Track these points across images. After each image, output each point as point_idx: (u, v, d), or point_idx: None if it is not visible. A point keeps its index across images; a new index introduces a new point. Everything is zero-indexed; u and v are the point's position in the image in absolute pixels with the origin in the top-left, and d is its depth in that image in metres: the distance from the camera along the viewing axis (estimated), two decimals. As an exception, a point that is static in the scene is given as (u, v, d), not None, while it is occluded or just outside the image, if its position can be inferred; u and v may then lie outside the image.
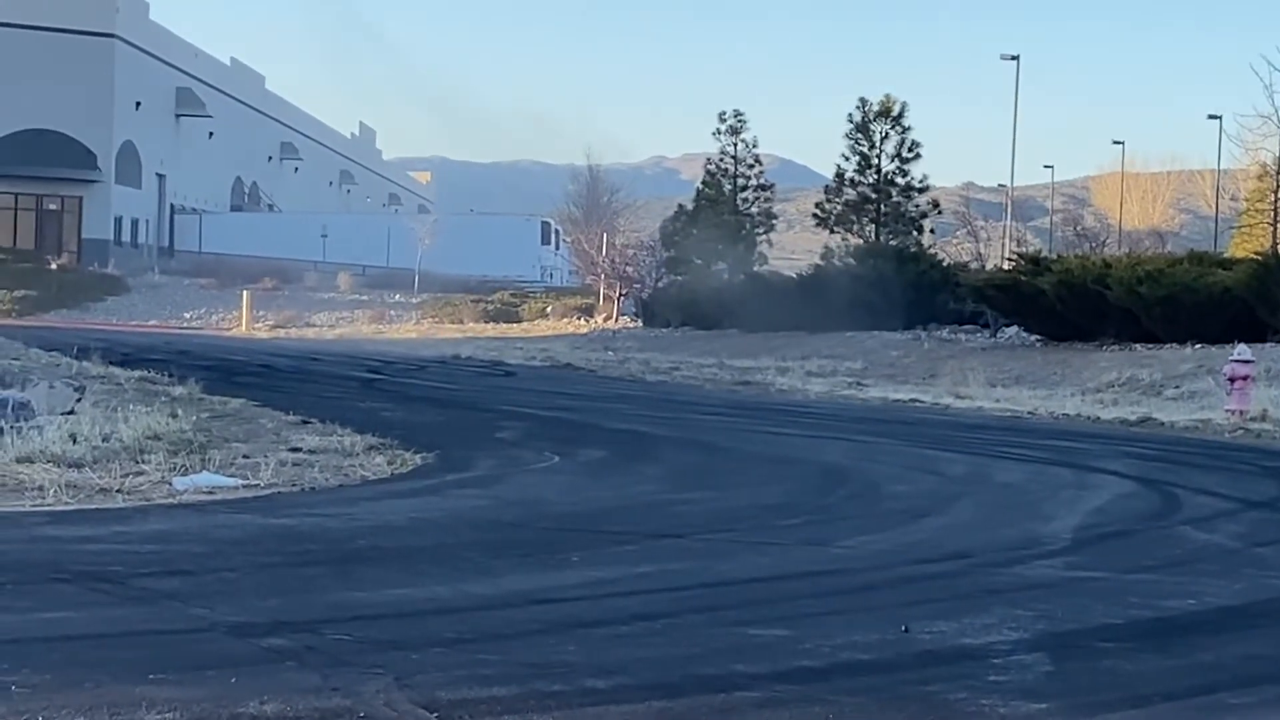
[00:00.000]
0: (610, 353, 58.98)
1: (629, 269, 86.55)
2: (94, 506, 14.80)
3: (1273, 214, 76.23)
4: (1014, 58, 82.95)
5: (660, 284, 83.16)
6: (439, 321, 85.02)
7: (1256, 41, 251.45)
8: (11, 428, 18.62)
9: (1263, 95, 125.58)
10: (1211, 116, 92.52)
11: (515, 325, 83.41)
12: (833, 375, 46.59)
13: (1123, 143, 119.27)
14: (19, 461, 16.82)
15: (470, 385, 38.50)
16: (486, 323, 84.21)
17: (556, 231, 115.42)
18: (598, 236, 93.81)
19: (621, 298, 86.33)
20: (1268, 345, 39.99)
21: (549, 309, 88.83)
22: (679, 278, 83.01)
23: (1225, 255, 61.58)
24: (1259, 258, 48.34)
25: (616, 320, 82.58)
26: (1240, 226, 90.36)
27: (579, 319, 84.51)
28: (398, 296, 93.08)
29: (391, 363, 47.14)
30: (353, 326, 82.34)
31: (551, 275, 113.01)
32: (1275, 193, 76.87)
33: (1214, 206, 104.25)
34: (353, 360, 47.88)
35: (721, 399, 37.20)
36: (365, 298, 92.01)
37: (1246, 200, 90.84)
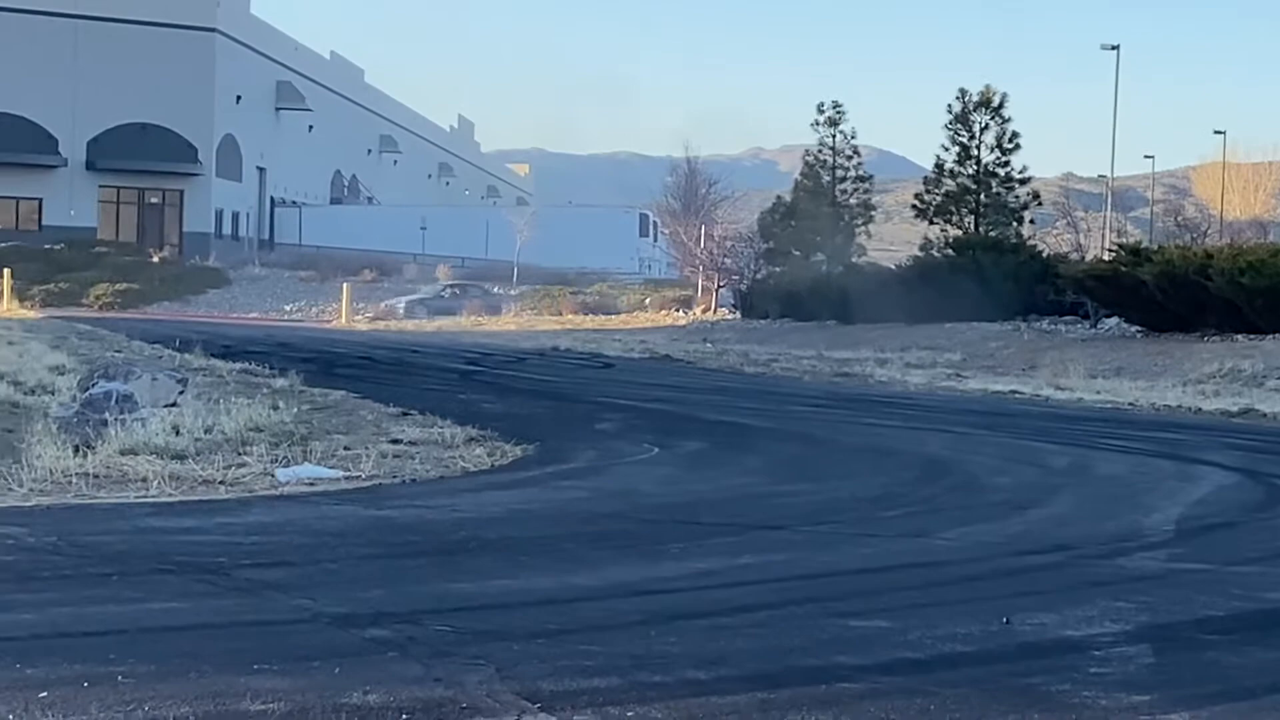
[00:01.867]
0: (708, 344, 58.88)
1: (727, 261, 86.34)
2: (197, 498, 14.91)
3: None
4: (1114, 47, 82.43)
5: (758, 276, 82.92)
6: (537, 313, 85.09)
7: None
8: (116, 420, 18.76)
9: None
10: None
11: (613, 317, 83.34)
12: (932, 367, 46.35)
13: (1224, 132, 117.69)
14: (123, 453, 16.95)
15: (569, 377, 38.55)
16: (584, 315, 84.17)
17: (654, 223, 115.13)
18: (696, 228, 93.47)
19: (719, 289, 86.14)
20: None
21: (647, 301, 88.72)
22: (777, 269, 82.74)
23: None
24: None
25: (714, 312, 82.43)
26: None
27: (677, 311, 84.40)
28: (497, 289, 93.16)
29: (490, 355, 47.26)
30: (452, 319, 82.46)
31: (649, 267, 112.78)
32: None
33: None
34: (451, 352, 48.01)
35: (820, 391, 37.09)
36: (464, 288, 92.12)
37: None
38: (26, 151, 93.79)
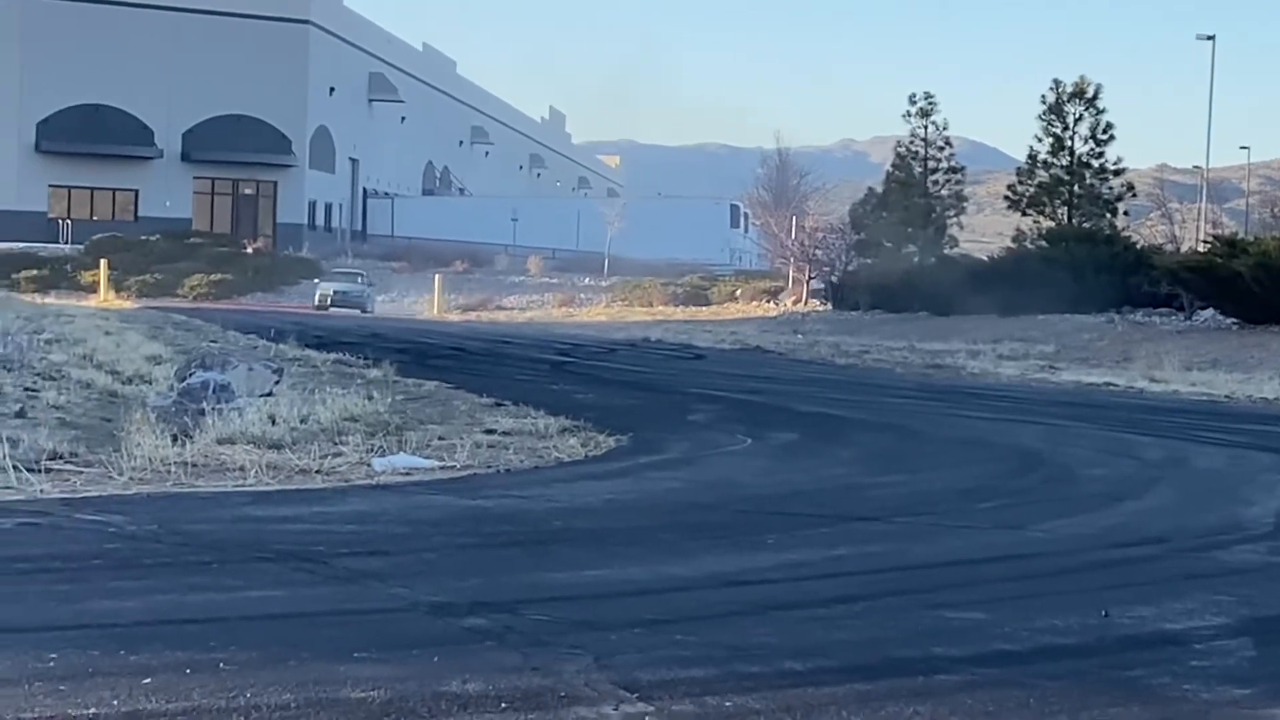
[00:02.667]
0: (799, 336, 58.86)
1: (818, 252, 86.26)
2: (294, 487, 15.00)
3: None
4: (1210, 37, 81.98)
5: (849, 267, 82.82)
6: (628, 304, 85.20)
7: None
8: (213, 409, 18.89)
9: None
10: None
11: (704, 308, 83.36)
12: (1024, 358, 46.22)
13: None
14: (220, 443, 17.07)
15: (661, 368, 38.58)
16: (675, 306, 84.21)
17: (745, 214, 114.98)
18: (786, 220, 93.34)
19: (810, 281, 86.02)
20: None
21: (738, 292, 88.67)
22: (868, 261, 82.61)
23: None
24: None
25: (805, 303, 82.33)
26: None
27: (767, 302, 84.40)
28: (587, 279, 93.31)
29: (581, 345, 47.34)
30: (543, 309, 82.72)
31: (740, 258, 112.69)
32: None
33: None
34: (543, 343, 48.12)
35: (912, 382, 37.02)
36: (555, 281, 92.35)
37: None
38: (123, 143, 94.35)
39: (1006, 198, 79.99)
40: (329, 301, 75.45)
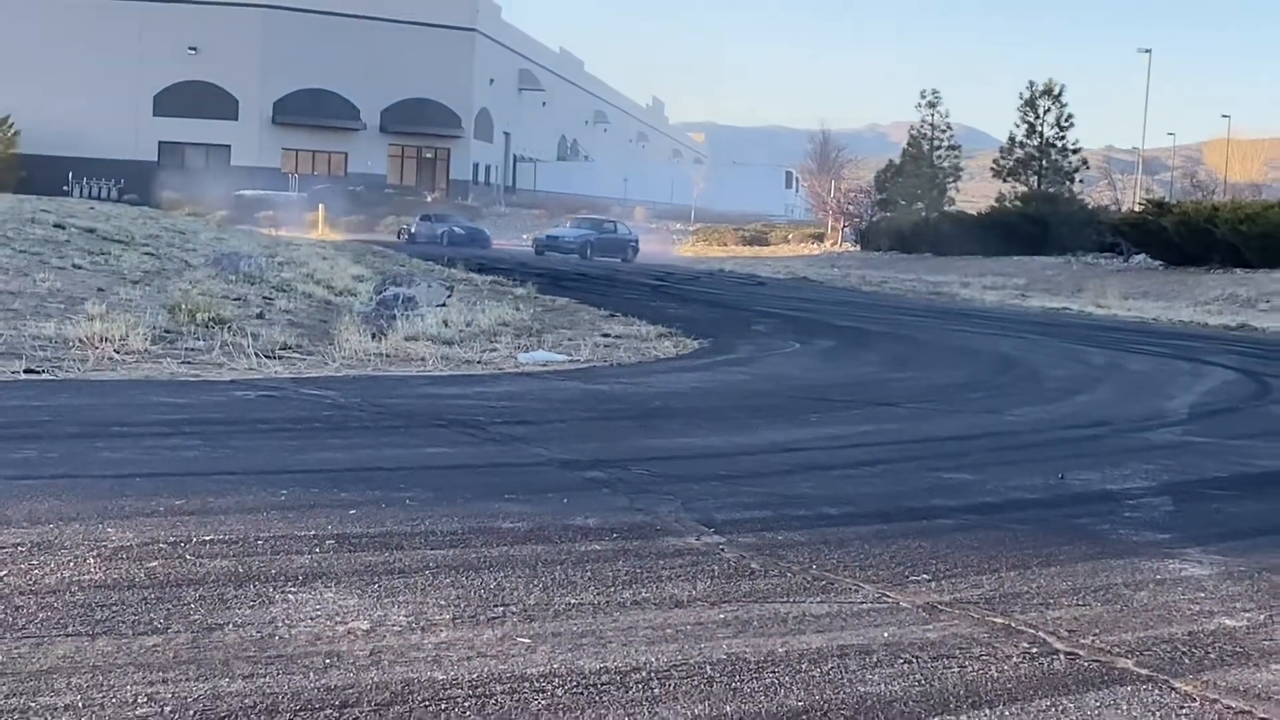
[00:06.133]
0: (835, 270, 58.52)
1: (850, 208, 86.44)
2: (461, 373, 15.08)
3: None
4: (1147, 51, 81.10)
5: (874, 219, 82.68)
6: (708, 244, 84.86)
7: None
8: (401, 315, 19.00)
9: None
10: None
11: (765, 248, 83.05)
12: (1003, 289, 45.94)
13: (1229, 116, 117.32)
14: (407, 340, 17.18)
15: (732, 291, 38.49)
16: (743, 245, 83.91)
17: (796, 179, 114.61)
18: (827, 183, 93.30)
19: (844, 229, 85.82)
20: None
21: (790, 236, 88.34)
22: (888, 215, 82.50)
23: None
24: None
25: (840, 245, 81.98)
26: None
27: (812, 244, 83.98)
28: (678, 225, 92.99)
29: (673, 274, 47.22)
30: (645, 246, 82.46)
31: (792, 211, 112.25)
32: None
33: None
34: (645, 272, 48.05)
35: (919, 305, 36.83)
36: (654, 226, 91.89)
37: None
38: (337, 118, 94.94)
39: (992, 169, 79.63)
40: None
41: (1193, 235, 47.18)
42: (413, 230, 70.81)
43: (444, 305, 21.55)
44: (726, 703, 4.65)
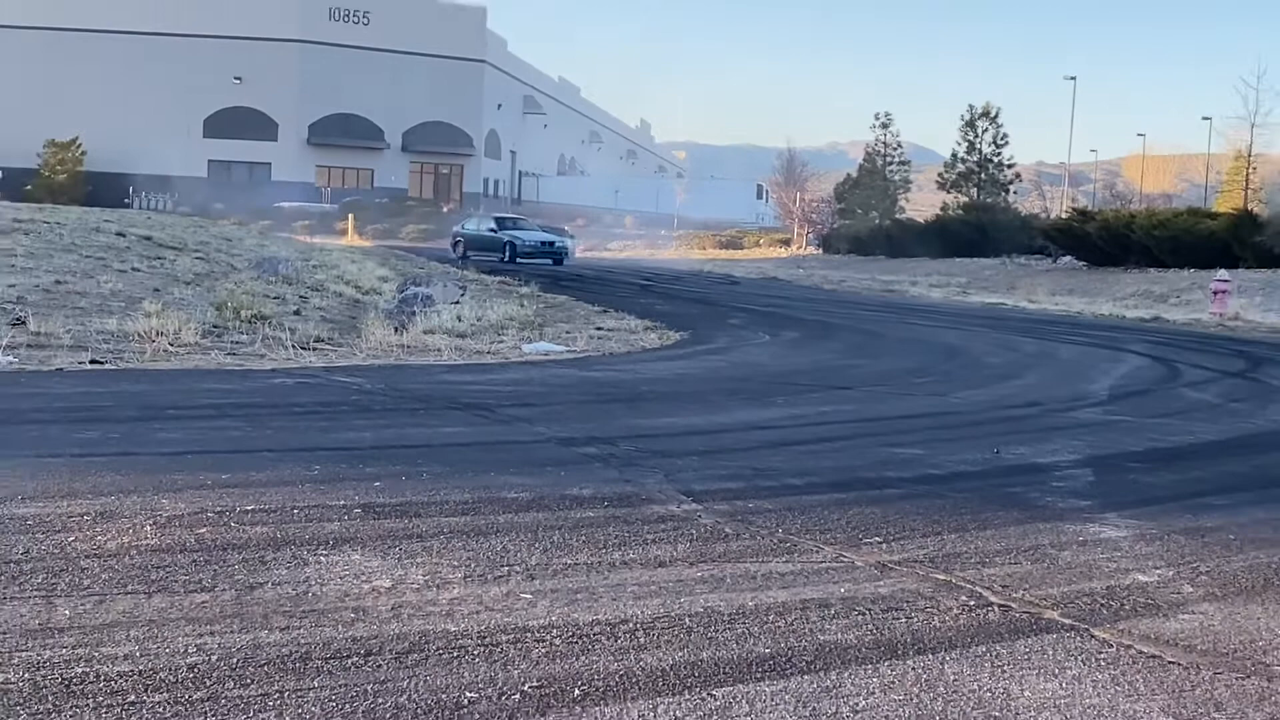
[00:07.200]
0: (800, 270, 58.45)
1: (813, 216, 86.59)
2: (473, 362, 15.06)
3: (1244, 184, 75.17)
4: (1072, 78, 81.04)
5: (834, 226, 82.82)
6: (689, 248, 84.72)
7: (1239, 67, 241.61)
8: (420, 311, 18.99)
9: (1240, 104, 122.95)
10: (1204, 118, 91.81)
11: (739, 251, 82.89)
12: (947, 287, 45.90)
13: (1144, 135, 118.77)
14: (425, 333, 17.17)
15: (710, 289, 38.45)
16: (720, 249, 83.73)
17: (766, 191, 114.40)
18: (793, 195, 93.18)
19: (808, 235, 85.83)
20: (1239, 270, 39.42)
21: (761, 241, 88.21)
22: (847, 222, 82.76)
23: (1212, 210, 60.05)
24: (1234, 212, 48.74)
25: (805, 249, 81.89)
26: (1222, 192, 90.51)
27: (780, 248, 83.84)
28: (663, 231, 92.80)
29: (659, 275, 47.14)
30: (634, 251, 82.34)
31: (763, 219, 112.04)
32: (1246, 169, 75.93)
33: (1205, 178, 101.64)
34: (634, 272, 47.97)
35: (874, 301, 36.80)
36: (642, 232, 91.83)
37: (1226, 175, 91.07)
38: (364, 139, 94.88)
39: (937, 181, 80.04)
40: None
41: (1112, 239, 47.21)
42: (464, 232, 53.20)
43: (458, 303, 21.53)
44: (703, 650, 4.66)
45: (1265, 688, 4.60)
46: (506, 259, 48.13)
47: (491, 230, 52.02)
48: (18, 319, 14.86)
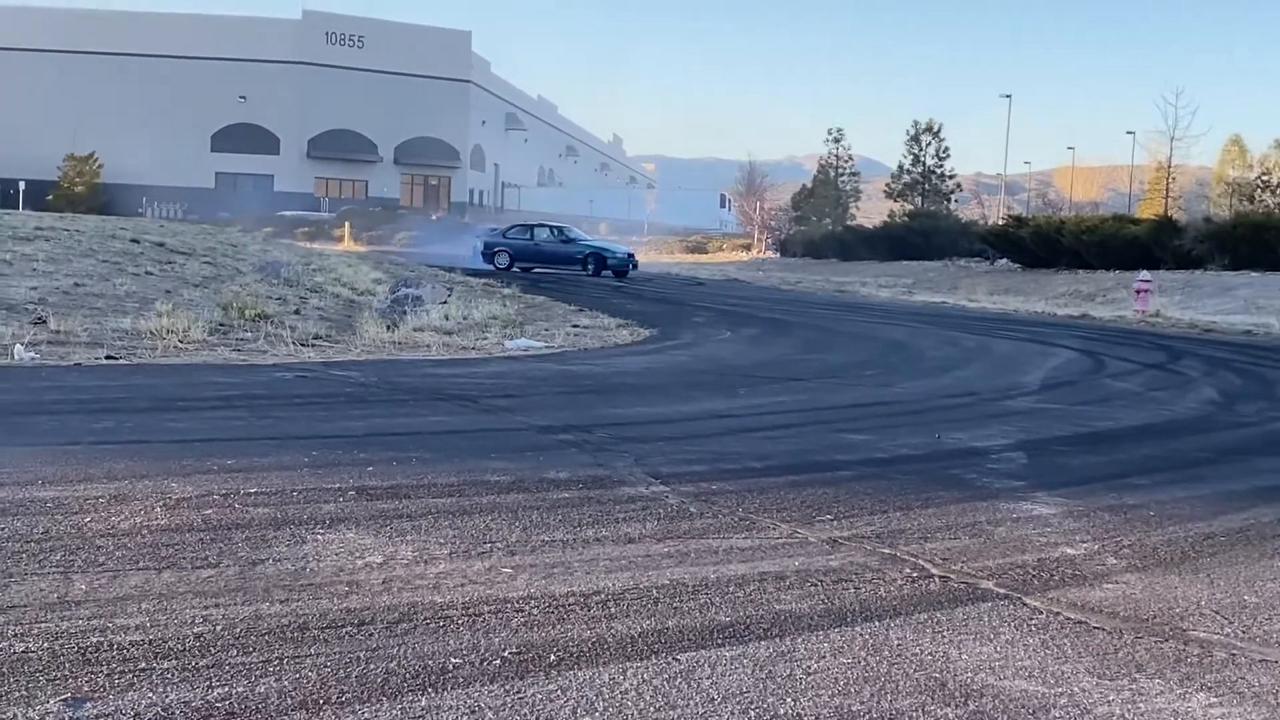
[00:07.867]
0: (760, 272, 58.55)
1: (772, 223, 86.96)
2: (458, 357, 15.02)
3: (1164, 192, 75.59)
4: (1007, 96, 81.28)
5: (790, 232, 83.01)
6: (659, 252, 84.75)
7: (1160, 86, 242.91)
8: (410, 310, 18.92)
9: (1160, 120, 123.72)
10: (1129, 132, 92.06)
11: (704, 255, 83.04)
12: (894, 287, 46.02)
13: (1074, 148, 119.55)
14: (415, 330, 17.11)
15: (677, 290, 38.44)
16: (687, 253, 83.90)
17: (729, 200, 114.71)
18: (754, 203, 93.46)
19: (767, 240, 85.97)
20: (1160, 271, 39.69)
21: (724, 246, 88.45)
22: (802, 228, 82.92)
23: (1135, 217, 60.44)
24: (1156, 219, 48.93)
25: (764, 253, 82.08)
26: (1144, 199, 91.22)
27: (742, 252, 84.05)
28: (634, 238, 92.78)
29: (632, 277, 47.12)
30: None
31: (726, 226, 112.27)
32: (1166, 179, 76.33)
33: (1129, 187, 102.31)
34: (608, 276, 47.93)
35: (827, 300, 36.86)
36: (615, 238, 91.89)
37: (1148, 184, 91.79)
38: (359, 152, 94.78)
39: (885, 191, 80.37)
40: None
41: (1045, 244, 47.44)
42: (506, 242, 43.65)
43: (445, 303, 21.47)
44: (669, 619, 4.66)
45: (1181, 650, 4.64)
46: (591, 272, 40.92)
47: (559, 240, 43.12)
48: (39, 318, 14.77)
